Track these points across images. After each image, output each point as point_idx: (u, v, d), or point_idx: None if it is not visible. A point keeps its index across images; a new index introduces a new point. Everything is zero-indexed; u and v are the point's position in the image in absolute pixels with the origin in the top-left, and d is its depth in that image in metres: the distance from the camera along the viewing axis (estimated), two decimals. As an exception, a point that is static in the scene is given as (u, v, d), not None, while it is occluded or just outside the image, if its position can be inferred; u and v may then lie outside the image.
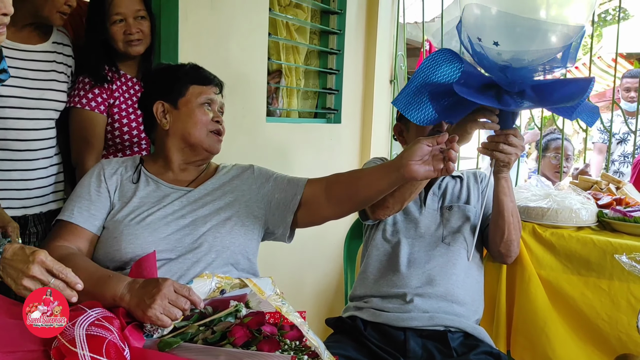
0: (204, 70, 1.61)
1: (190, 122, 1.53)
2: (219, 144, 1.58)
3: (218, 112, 1.59)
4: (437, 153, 1.37)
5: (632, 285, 1.73)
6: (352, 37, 3.15)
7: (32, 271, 1.12)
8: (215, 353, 1.17)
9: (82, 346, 1.08)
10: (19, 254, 1.14)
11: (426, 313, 1.64)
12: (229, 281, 1.31)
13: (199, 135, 1.53)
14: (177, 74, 1.58)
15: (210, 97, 1.56)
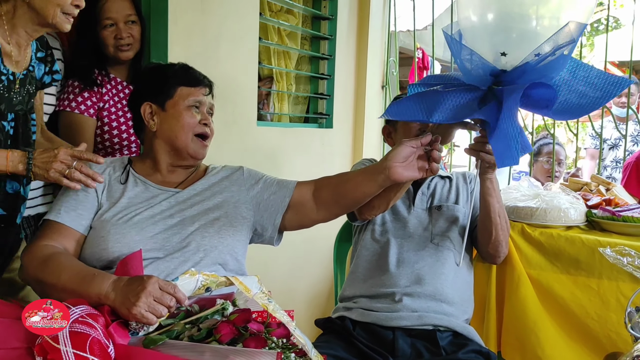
0: (193, 71, 1.60)
1: (177, 125, 1.52)
2: (204, 149, 1.57)
3: (207, 113, 1.58)
4: (421, 154, 1.40)
5: (622, 283, 1.73)
6: (343, 43, 3.16)
7: (59, 156, 1.39)
8: (200, 350, 1.16)
9: (65, 342, 1.08)
10: (45, 152, 1.41)
11: (415, 312, 1.64)
12: (215, 279, 1.30)
13: (185, 139, 1.52)
14: (165, 74, 1.57)
15: (198, 99, 1.54)
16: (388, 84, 3.48)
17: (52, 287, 1.29)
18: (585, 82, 1.48)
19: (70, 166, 1.40)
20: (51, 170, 1.38)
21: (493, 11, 1.48)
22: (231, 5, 2.39)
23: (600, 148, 3.37)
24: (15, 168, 1.39)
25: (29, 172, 1.39)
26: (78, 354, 1.07)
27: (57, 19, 1.43)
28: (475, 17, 1.51)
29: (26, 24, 1.45)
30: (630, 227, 1.84)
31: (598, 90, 1.47)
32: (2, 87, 1.47)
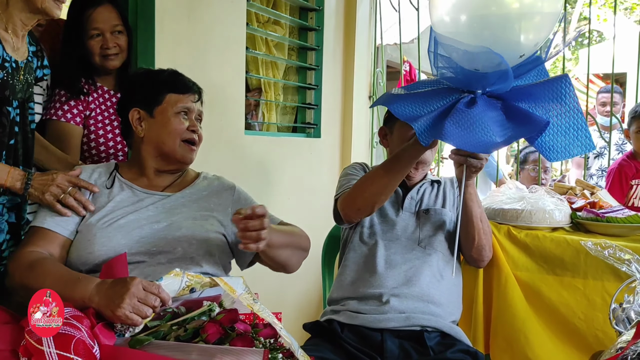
0: (182, 78, 1.60)
1: (165, 132, 1.52)
2: (191, 154, 1.57)
3: (196, 119, 1.58)
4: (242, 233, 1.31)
5: (607, 283, 1.75)
6: (330, 54, 3.19)
7: (57, 180, 1.44)
8: (187, 349, 1.16)
9: (49, 344, 1.07)
10: (44, 174, 1.46)
11: (402, 313, 1.64)
12: (200, 280, 1.30)
13: (172, 144, 1.53)
14: (155, 81, 1.57)
15: (187, 105, 1.55)
16: (375, 94, 3.51)
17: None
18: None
19: (65, 191, 1.45)
20: (47, 193, 1.43)
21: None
22: (218, 14, 2.41)
23: (586, 157, 3.40)
24: (13, 184, 1.43)
25: (25, 191, 1.43)
26: (62, 355, 1.07)
27: (47, 4, 1.47)
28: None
29: (20, 12, 1.49)
30: (614, 228, 1.86)
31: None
32: (7, 74, 1.50)
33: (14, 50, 1.53)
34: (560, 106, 1.49)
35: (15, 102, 1.54)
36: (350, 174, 1.89)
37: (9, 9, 1.48)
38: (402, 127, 1.87)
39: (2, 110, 1.51)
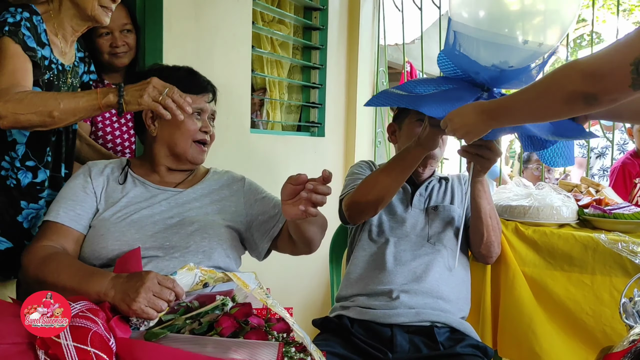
0: (197, 77, 1.59)
1: (178, 132, 1.53)
2: (202, 155, 1.57)
3: (209, 119, 1.58)
4: (308, 194, 1.25)
5: (614, 278, 1.75)
6: (333, 53, 3.20)
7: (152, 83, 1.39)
8: (202, 342, 1.17)
9: (66, 337, 1.08)
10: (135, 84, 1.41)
11: (412, 309, 1.65)
12: (213, 275, 1.31)
13: (184, 145, 1.53)
14: (169, 80, 1.52)
15: (200, 106, 1.54)
16: (378, 93, 3.51)
17: (53, 286, 1.29)
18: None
19: (162, 93, 1.40)
20: (144, 96, 1.39)
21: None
22: (224, 14, 2.42)
23: (588, 156, 3.41)
24: (107, 100, 1.40)
25: (120, 101, 1.40)
26: (79, 347, 1.07)
27: (96, 12, 1.53)
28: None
29: (71, 18, 1.56)
30: (621, 224, 1.87)
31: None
32: (53, 75, 1.56)
33: (61, 54, 1.59)
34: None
35: None
36: (356, 173, 1.90)
37: (60, 15, 1.55)
38: (412, 124, 1.87)
39: None
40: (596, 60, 1.07)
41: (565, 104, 1.13)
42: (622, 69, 1.00)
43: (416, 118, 1.88)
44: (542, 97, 1.19)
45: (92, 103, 1.39)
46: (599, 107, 1.12)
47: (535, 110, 1.22)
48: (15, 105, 1.35)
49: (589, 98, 1.08)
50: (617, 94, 1.05)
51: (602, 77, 1.04)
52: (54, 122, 1.39)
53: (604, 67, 1.05)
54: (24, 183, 1.58)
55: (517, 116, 1.31)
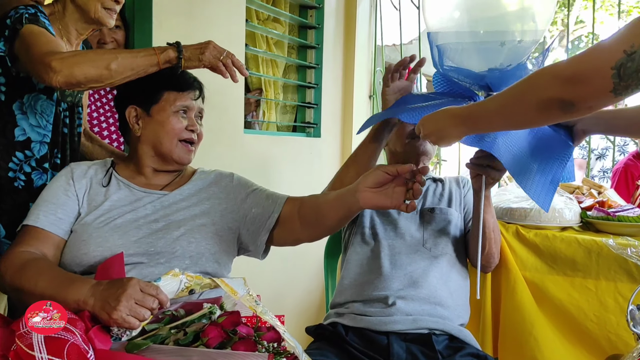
0: (183, 74, 1.52)
1: (163, 131, 1.46)
2: (189, 155, 1.50)
3: (196, 117, 1.51)
4: (400, 185, 1.25)
5: (620, 284, 1.70)
6: (330, 52, 3.14)
7: (211, 44, 1.45)
8: (187, 354, 1.11)
9: (40, 349, 1.02)
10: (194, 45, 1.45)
11: (409, 316, 1.58)
12: (199, 281, 1.24)
13: (170, 145, 1.46)
14: (153, 77, 1.48)
15: (186, 104, 1.48)
16: (375, 93, 3.46)
17: (30, 294, 1.23)
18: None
19: (222, 54, 1.44)
20: (205, 54, 1.42)
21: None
22: (217, 11, 2.35)
23: (588, 158, 3.36)
24: (166, 55, 1.40)
25: (180, 56, 1.41)
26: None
27: (99, 14, 1.52)
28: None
29: (75, 22, 1.55)
30: (626, 227, 1.81)
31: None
32: None
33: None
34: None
35: (64, 105, 1.60)
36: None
37: (65, 18, 1.54)
38: (399, 124, 1.82)
39: (57, 111, 1.57)
40: (574, 64, 0.99)
41: (540, 111, 1.05)
42: (602, 73, 0.92)
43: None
44: (516, 103, 1.10)
45: (150, 59, 1.39)
46: (577, 115, 1.04)
47: (509, 116, 1.15)
48: (70, 59, 1.32)
49: (566, 105, 1.00)
50: (597, 100, 0.98)
51: (580, 82, 0.96)
52: (110, 76, 1.36)
53: (582, 71, 0.97)
54: (37, 184, 1.54)
55: (491, 122, 1.23)
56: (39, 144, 1.54)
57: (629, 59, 0.89)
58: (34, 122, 1.52)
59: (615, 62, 0.90)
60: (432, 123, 1.33)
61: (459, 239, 1.77)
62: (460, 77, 1.57)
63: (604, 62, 0.92)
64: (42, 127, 1.53)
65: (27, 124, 1.51)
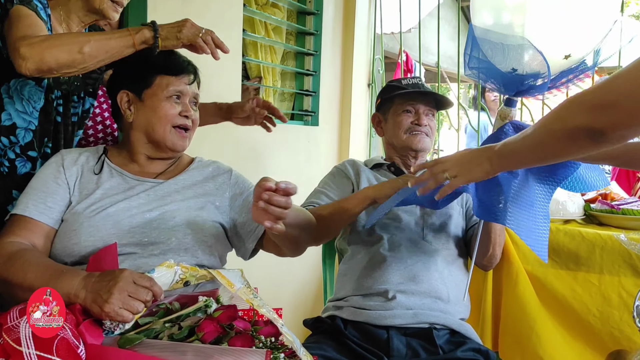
0: (175, 57, 1.46)
1: (155, 117, 1.41)
2: (183, 141, 1.45)
3: (191, 102, 1.46)
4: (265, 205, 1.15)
5: (623, 278, 1.67)
6: (329, 39, 3.09)
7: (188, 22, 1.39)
8: (181, 349, 1.06)
9: (28, 344, 0.98)
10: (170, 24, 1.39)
11: (410, 310, 1.55)
12: (195, 272, 1.20)
13: (163, 131, 1.41)
14: (145, 60, 1.43)
15: (179, 88, 1.42)
16: (374, 82, 3.41)
17: (18, 287, 1.19)
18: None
19: (200, 31, 1.40)
20: (183, 32, 1.37)
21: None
22: (214, -6, 2.30)
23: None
24: (142, 35, 1.35)
25: (156, 38, 1.36)
26: (42, 356, 0.97)
27: (104, 5, 1.48)
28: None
29: (79, 10, 1.51)
30: (630, 220, 1.78)
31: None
32: None
33: None
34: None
35: (57, 92, 1.54)
36: (325, 184, 1.80)
37: (69, 4, 1.51)
38: (397, 112, 1.78)
39: (48, 98, 1.52)
40: (601, 90, 0.92)
41: (570, 142, 0.98)
42: (633, 98, 0.85)
43: (402, 109, 1.78)
44: (545, 134, 1.04)
45: (125, 40, 1.34)
46: (607, 144, 0.96)
47: (539, 148, 1.08)
48: (40, 44, 1.25)
49: (595, 133, 0.92)
50: (628, 129, 0.90)
51: (609, 109, 0.89)
52: (83, 60, 1.30)
53: (610, 97, 0.89)
54: (20, 172, 1.48)
55: (520, 157, 1.16)
56: (24, 130, 1.48)
57: None
58: (20, 107, 1.47)
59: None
60: (462, 158, 1.26)
61: (460, 234, 1.73)
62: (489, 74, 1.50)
63: (635, 86, 0.86)
64: (28, 113, 1.48)
65: (13, 109, 1.45)
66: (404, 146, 1.79)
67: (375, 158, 1.91)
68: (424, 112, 1.78)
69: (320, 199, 1.72)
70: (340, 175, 1.81)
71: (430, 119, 1.80)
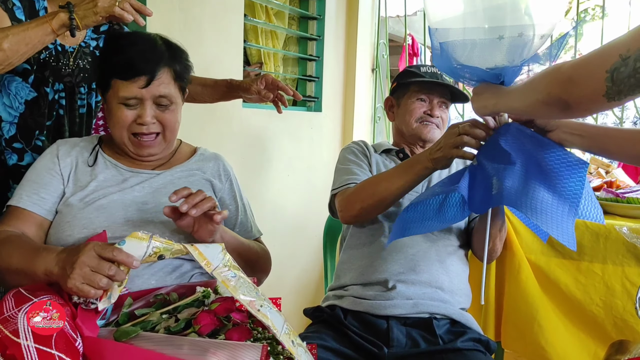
0: (133, 57, 1.30)
1: (111, 122, 1.36)
2: (145, 149, 1.37)
3: (159, 105, 1.34)
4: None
5: (627, 268, 1.65)
6: (332, 23, 3.05)
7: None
8: (178, 343, 1.05)
9: (27, 336, 0.97)
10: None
11: (410, 300, 1.53)
12: (169, 246, 1.12)
13: (120, 138, 1.35)
14: (102, 59, 1.38)
15: (131, 94, 1.30)
16: (378, 67, 3.38)
17: (5, 271, 1.19)
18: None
19: (117, 0, 1.30)
20: (99, 5, 1.28)
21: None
22: (214, -21, 2.26)
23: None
24: (58, 19, 1.28)
25: (72, 19, 1.28)
26: (42, 350, 0.96)
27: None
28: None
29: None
30: (635, 209, 1.75)
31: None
32: (49, 55, 1.50)
33: (62, 35, 1.46)
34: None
35: (59, 85, 1.54)
36: (351, 162, 1.75)
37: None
38: (412, 101, 1.76)
39: (40, 91, 1.50)
40: (574, 66, 1.01)
41: (545, 106, 1.09)
42: (597, 76, 0.93)
43: (416, 97, 1.76)
44: (530, 93, 1.14)
45: (43, 28, 1.27)
46: (574, 115, 1.08)
47: (525, 104, 1.18)
48: None
49: (564, 104, 1.02)
50: (591, 104, 0.99)
51: (577, 84, 0.98)
52: (6, 57, 1.25)
53: (579, 74, 0.99)
54: (9, 163, 1.51)
55: (512, 106, 1.26)
56: (9, 124, 1.48)
57: (623, 63, 0.89)
58: (7, 101, 1.47)
59: (610, 65, 0.91)
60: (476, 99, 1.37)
61: (461, 226, 1.71)
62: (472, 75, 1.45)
63: (600, 65, 0.93)
64: (13, 108, 1.48)
65: (0, 102, 1.46)
66: (413, 134, 1.77)
67: (383, 143, 1.89)
68: (438, 103, 1.76)
69: (351, 176, 1.68)
70: (360, 152, 1.80)
71: (443, 110, 1.78)
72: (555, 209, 1.24)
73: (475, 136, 1.38)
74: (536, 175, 1.26)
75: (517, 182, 1.25)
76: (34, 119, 1.51)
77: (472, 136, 1.38)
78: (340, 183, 1.69)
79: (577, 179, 1.23)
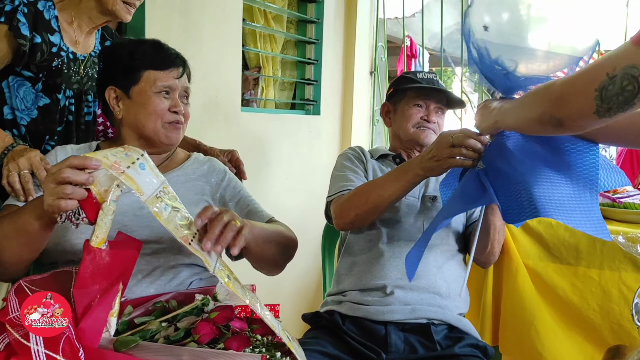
0: (163, 50, 1.42)
1: (144, 113, 1.38)
2: (177, 134, 1.41)
3: (181, 97, 1.42)
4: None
5: (624, 273, 1.65)
6: (330, 27, 3.06)
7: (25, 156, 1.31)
8: (177, 353, 1.06)
9: (37, 341, 0.96)
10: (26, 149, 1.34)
11: (407, 305, 1.54)
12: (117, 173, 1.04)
13: (154, 127, 1.38)
14: (132, 56, 1.40)
15: (168, 83, 1.38)
16: (377, 69, 3.38)
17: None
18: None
19: (20, 171, 1.30)
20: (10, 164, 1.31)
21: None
22: (213, -16, 2.27)
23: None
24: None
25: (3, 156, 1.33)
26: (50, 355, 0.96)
27: (117, 7, 1.49)
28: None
29: (90, 10, 1.53)
30: (632, 214, 1.76)
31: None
32: (61, 62, 1.53)
33: (73, 43, 1.55)
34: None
35: (69, 92, 1.58)
36: (347, 168, 1.75)
37: (80, 5, 1.52)
38: (408, 105, 1.77)
39: (52, 97, 1.54)
40: (565, 84, 1.02)
41: (539, 123, 1.10)
42: (586, 95, 0.95)
43: (413, 103, 1.77)
44: (524, 111, 1.16)
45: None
46: (567, 132, 1.10)
47: (520, 122, 1.20)
48: None
49: (556, 122, 1.04)
50: (583, 121, 1.00)
51: (567, 102, 1.00)
52: None
53: (569, 92, 1.00)
54: None
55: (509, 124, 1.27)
56: (24, 128, 1.53)
57: (610, 82, 0.91)
58: (14, 105, 1.51)
59: (599, 84, 0.92)
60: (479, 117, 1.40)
61: (460, 229, 1.72)
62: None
63: (589, 84, 0.94)
64: (20, 110, 1.52)
65: (11, 104, 1.50)
66: (410, 139, 1.78)
67: (379, 148, 1.90)
68: (435, 109, 1.78)
69: (347, 182, 1.69)
70: (356, 158, 1.80)
71: (440, 116, 1.79)
72: (578, 200, 1.25)
73: (470, 147, 1.39)
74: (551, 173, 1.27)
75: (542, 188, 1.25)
76: (45, 124, 1.54)
77: (467, 147, 1.39)
78: (335, 190, 1.70)
79: (590, 163, 1.24)
